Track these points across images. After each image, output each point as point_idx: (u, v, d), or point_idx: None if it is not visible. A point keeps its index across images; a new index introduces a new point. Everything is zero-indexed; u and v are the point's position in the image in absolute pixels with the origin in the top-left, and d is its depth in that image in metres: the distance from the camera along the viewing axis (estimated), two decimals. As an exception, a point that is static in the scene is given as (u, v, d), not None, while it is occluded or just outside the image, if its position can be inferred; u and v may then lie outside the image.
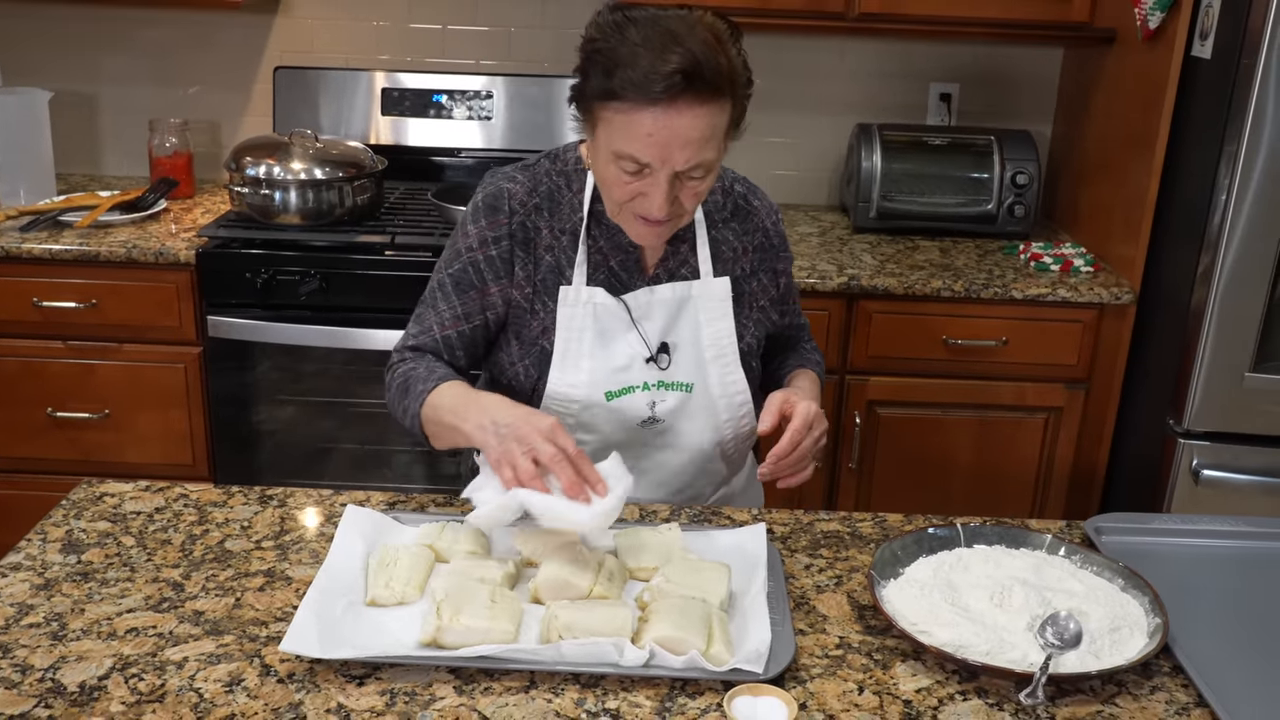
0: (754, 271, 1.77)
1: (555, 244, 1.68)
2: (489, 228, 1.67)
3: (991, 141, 3.04)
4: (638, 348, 1.67)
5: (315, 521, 1.56)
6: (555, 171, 1.71)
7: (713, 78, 1.44)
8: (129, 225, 2.84)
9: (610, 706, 1.20)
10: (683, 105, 1.44)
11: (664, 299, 1.69)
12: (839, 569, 1.48)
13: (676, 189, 1.52)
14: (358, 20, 3.27)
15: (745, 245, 1.77)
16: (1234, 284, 2.45)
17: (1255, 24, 2.33)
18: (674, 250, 1.71)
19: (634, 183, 1.52)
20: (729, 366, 1.72)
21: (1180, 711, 1.23)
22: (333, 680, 1.23)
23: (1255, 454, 2.55)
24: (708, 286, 1.71)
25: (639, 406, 1.68)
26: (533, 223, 1.68)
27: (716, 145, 1.50)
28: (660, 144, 1.46)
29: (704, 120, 1.46)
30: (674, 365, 1.69)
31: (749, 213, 1.78)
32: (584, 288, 1.66)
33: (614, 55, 1.45)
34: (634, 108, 1.45)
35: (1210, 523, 1.61)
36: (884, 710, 1.21)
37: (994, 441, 2.83)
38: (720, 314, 1.71)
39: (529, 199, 1.68)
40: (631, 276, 1.69)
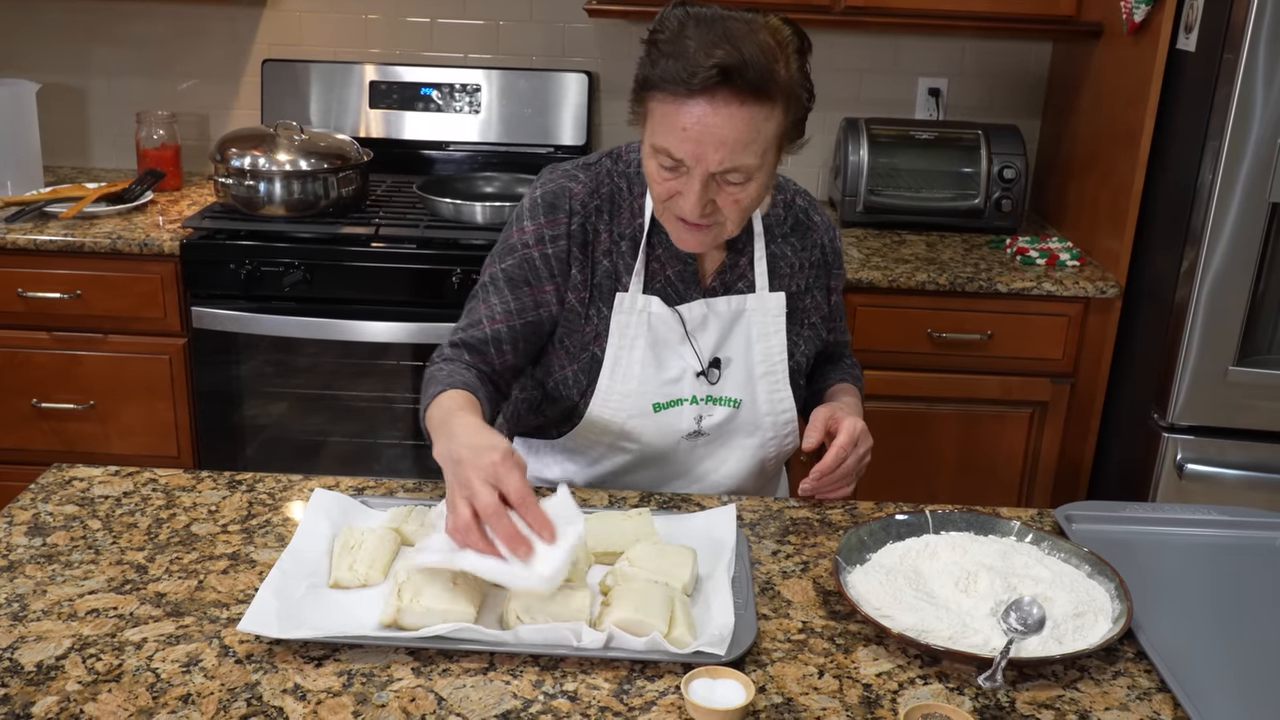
0: (809, 288, 1.74)
1: (614, 249, 1.64)
2: (547, 225, 1.62)
3: (979, 136, 3.04)
4: (690, 361, 1.65)
5: (283, 506, 1.55)
6: (617, 173, 1.66)
7: (756, 79, 1.40)
8: (114, 217, 2.85)
9: (569, 689, 1.20)
10: (720, 102, 1.41)
11: (719, 312, 1.66)
12: (806, 555, 1.48)
13: (712, 192, 1.48)
14: (346, 13, 3.28)
15: (803, 261, 1.73)
16: (1218, 278, 2.44)
17: (1238, 18, 2.33)
18: (732, 263, 1.68)
19: (671, 180, 1.48)
20: (778, 384, 1.69)
21: (1142, 696, 1.22)
22: (290, 661, 1.22)
23: (1239, 448, 2.54)
24: (762, 301, 1.68)
25: (685, 420, 1.66)
26: (592, 225, 1.64)
27: (758, 152, 1.45)
28: (694, 140, 1.42)
29: (742, 122, 1.42)
30: (724, 380, 1.67)
31: (809, 228, 1.74)
32: (640, 296, 1.63)
33: (668, 46, 1.43)
34: (672, 99, 1.43)
35: (1180, 512, 1.60)
36: (843, 693, 1.21)
37: (979, 436, 2.82)
38: (774, 329, 1.68)
39: (590, 200, 1.64)
40: (688, 287, 1.66)
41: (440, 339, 2.66)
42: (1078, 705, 1.21)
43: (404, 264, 2.70)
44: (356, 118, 3.27)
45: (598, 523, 1.46)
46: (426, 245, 2.71)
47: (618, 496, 1.62)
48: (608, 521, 1.46)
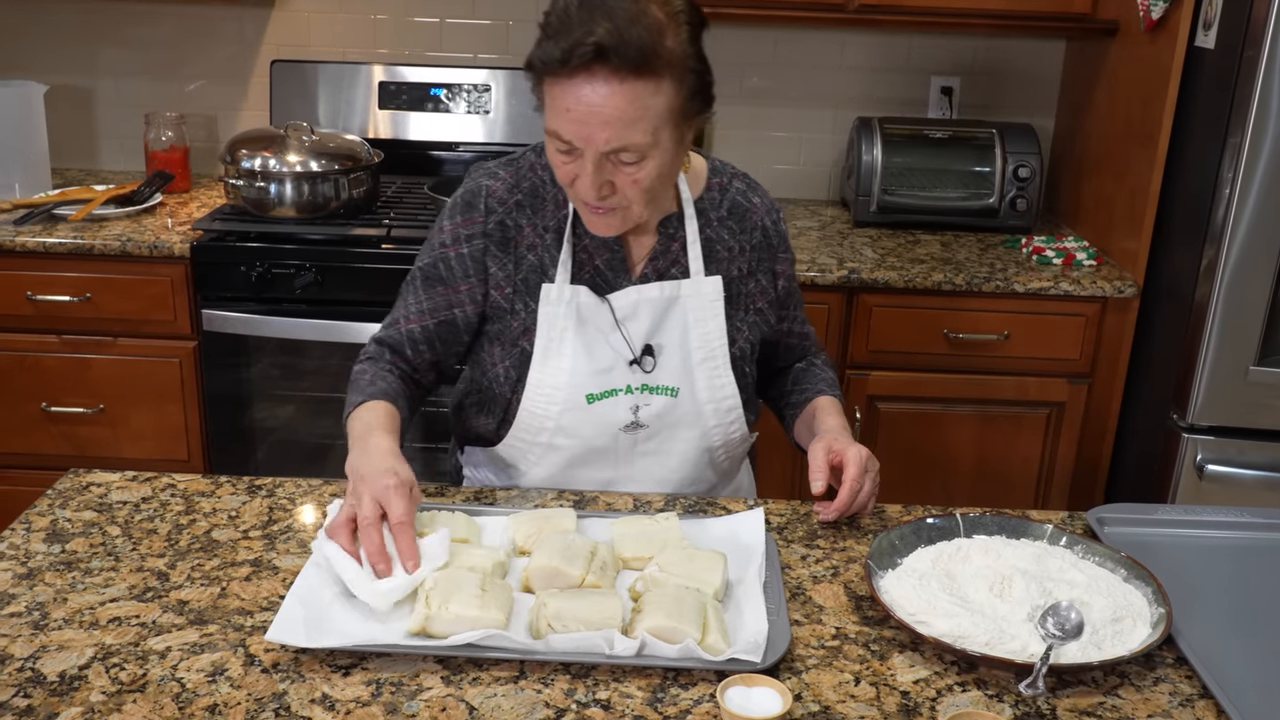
0: (751, 271, 1.71)
1: (539, 242, 1.63)
2: (463, 225, 1.63)
3: (993, 134, 3.02)
4: (621, 349, 1.62)
5: (304, 512, 1.53)
6: (540, 165, 1.64)
7: (636, 54, 1.37)
8: (124, 219, 2.82)
9: (601, 697, 1.18)
10: (600, 80, 1.38)
11: (651, 299, 1.63)
12: (836, 560, 1.46)
13: (608, 173, 1.45)
14: (354, 13, 3.25)
15: (742, 244, 1.70)
16: (1238, 277, 2.42)
17: (1259, 14, 2.30)
18: (664, 249, 1.65)
19: (569, 164, 1.47)
20: (718, 370, 1.66)
21: (1184, 703, 1.20)
22: (318, 670, 1.20)
23: (1260, 449, 2.52)
24: (698, 286, 1.65)
25: (621, 410, 1.63)
26: (513, 220, 1.62)
27: (648, 129, 1.42)
28: (578, 120, 1.40)
29: (624, 99, 1.39)
30: (659, 368, 1.63)
31: (747, 210, 1.71)
32: (567, 286, 1.61)
33: (551, 29, 1.42)
34: (556, 81, 1.41)
35: (1213, 514, 1.58)
36: (881, 701, 1.19)
37: (996, 437, 2.80)
38: (710, 314, 1.65)
39: (509, 196, 1.62)
40: (618, 276, 1.64)
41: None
42: (1120, 712, 1.18)
43: (416, 265, 2.68)
44: (365, 118, 3.25)
45: (625, 527, 1.44)
46: (438, 246, 2.68)
47: (643, 500, 1.60)
48: (635, 526, 1.44)
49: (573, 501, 1.58)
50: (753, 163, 3.33)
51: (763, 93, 3.30)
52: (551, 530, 1.42)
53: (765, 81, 3.29)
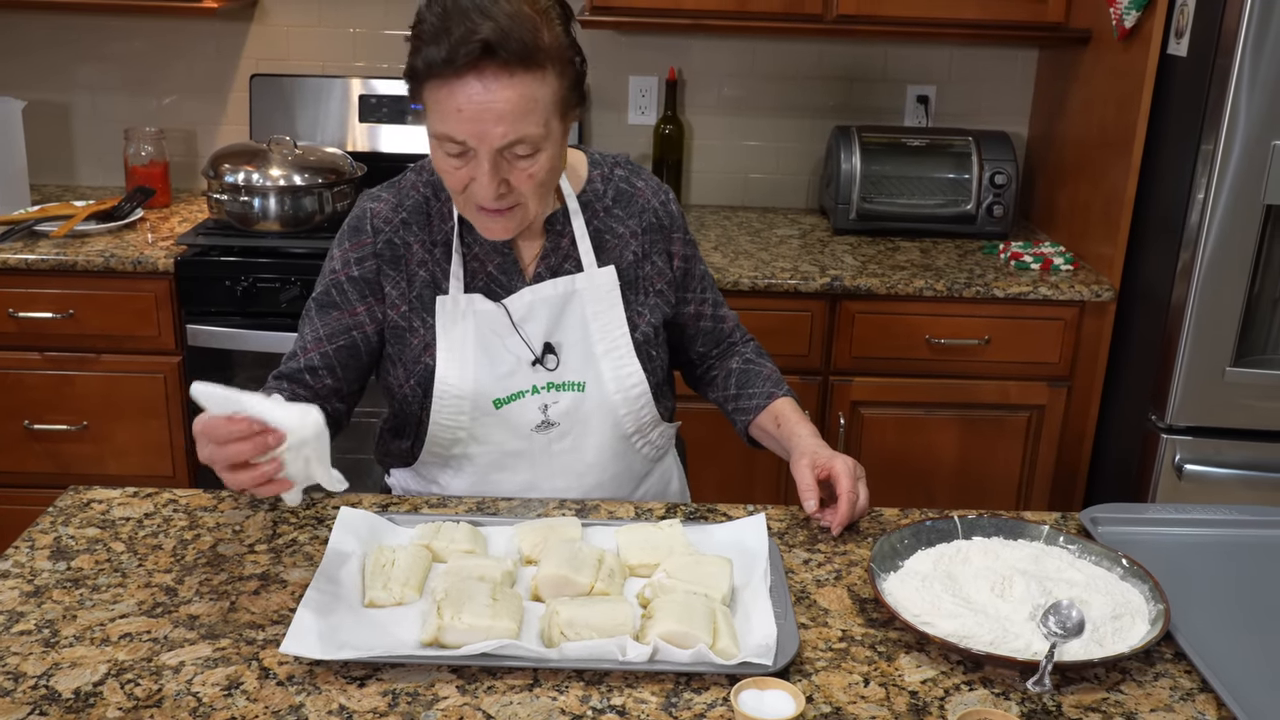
0: (646, 254, 1.71)
1: (428, 257, 1.63)
2: (352, 249, 1.64)
3: (970, 142, 3.06)
4: (521, 351, 1.63)
5: (308, 525, 1.54)
6: (422, 183, 1.66)
7: (520, 48, 1.40)
8: (105, 234, 2.81)
9: (616, 703, 1.19)
10: (490, 76, 1.40)
11: (546, 297, 1.64)
12: (838, 563, 1.48)
13: (504, 171, 1.46)
14: (333, 26, 3.26)
15: (631, 229, 1.70)
16: (1213, 280, 2.47)
17: (1230, 23, 2.35)
18: (554, 246, 1.66)
19: (462, 168, 1.47)
20: (622, 359, 1.67)
21: (1185, 697, 1.23)
22: (333, 682, 1.21)
23: (1237, 448, 2.57)
24: (592, 278, 1.66)
25: (530, 411, 1.64)
26: (401, 239, 1.63)
27: (538, 120, 1.44)
28: (471, 118, 1.41)
29: (515, 92, 1.41)
30: (563, 365, 1.65)
31: (632, 195, 1.72)
32: (461, 296, 1.62)
33: (427, 35, 1.42)
34: (443, 83, 1.41)
35: (1203, 512, 1.62)
36: (891, 701, 1.21)
37: (978, 440, 2.84)
38: (608, 305, 1.66)
39: (394, 215, 1.63)
40: (511, 279, 1.64)
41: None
42: (1123, 707, 1.21)
43: (402, 278, 2.68)
44: (344, 131, 3.25)
45: (629, 535, 1.46)
46: (424, 259, 2.69)
47: (644, 509, 1.61)
48: (640, 533, 1.46)
49: (575, 510, 1.59)
50: (731, 171, 3.37)
51: (741, 102, 3.33)
52: (557, 539, 1.44)
53: (743, 91, 3.32)
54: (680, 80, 3.27)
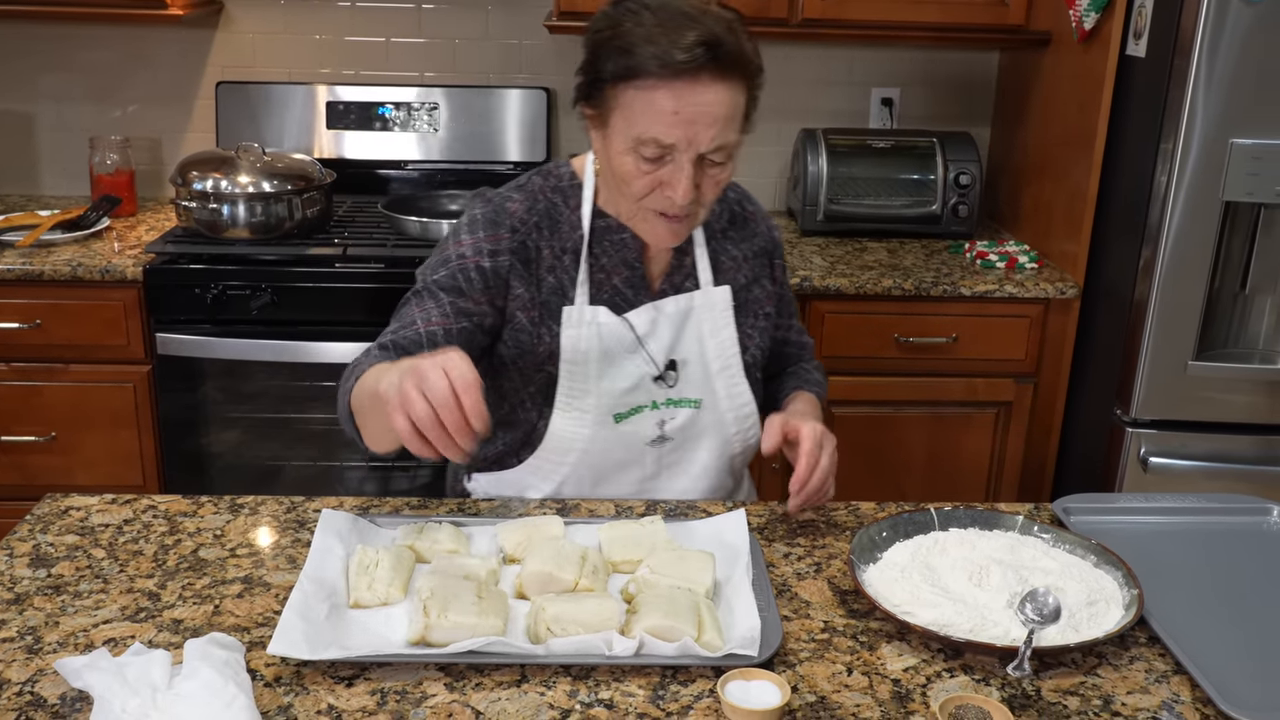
0: (756, 278, 1.75)
1: (557, 264, 1.64)
2: (486, 240, 1.61)
3: (934, 144, 3.10)
4: (645, 367, 1.64)
5: (289, 528, 1.54)
6: (549, 188, 1.66)
7: (733, 55, 1.44)
8: (72, 244, 2.79)
9: (604, 697, 1.20)
10: (705, 81, 1.43)
11: (669, 314, 1.65)
12: (817, 556, 1.50)
13: (698, 176, 1.48)
14: (300, 34, 3.25)
15: (744, 253, 1.73)
16: (1174, 276, 2.51)
17: (1187, 24, 2.40)
18: (678, 263, 1.68)
19: (655, 172, 1.48)
20: (735, 379, 1.69)
21: (1160, 679, 1.26)
22: (321, 682, 1.21)
23: (1200, 440, 2.61)
24: (709, 296, 1.68)
25: (648, 427, 1.66)
26: (533, 242, 1.63)
27: (737, 128, 1.48)
28: (685, 121, 1.43)
29: (726, 97, 1.44)
30: (681, 381, 1.66)
31: (745, 218, 1.75)
32: (586, 308, 1.62)
33: (631, 36, 1.44)
34: (656, 84, 1.43)
35: (1171, 500, 1.65)
36: (874, 690, 1.23)
37: (947, 437, 2.87)
38: (723, 324, 1.68)
39: (528, 217, 1.63)
40: (636, 292, 1.66)
41: (412, 358, 2.70)
42: (1100, 690, 1.24)
43: (372, 283, 2.69)
44: (311, 138, 3.25)
45: (612, 532, 1.47)
46: (395, 264, 2.69)
47: (624, 506, 1.62)
48: (622, 530, 1.47)
49: (556, 509, 1.60)
50: (700, 175, 3.38)
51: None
52: (540, 537, 1.45)
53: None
54: (647, 84, 3.28)
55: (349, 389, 1.49)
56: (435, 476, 2.87)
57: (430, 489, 2.86)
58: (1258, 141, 2.41)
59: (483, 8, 3.25)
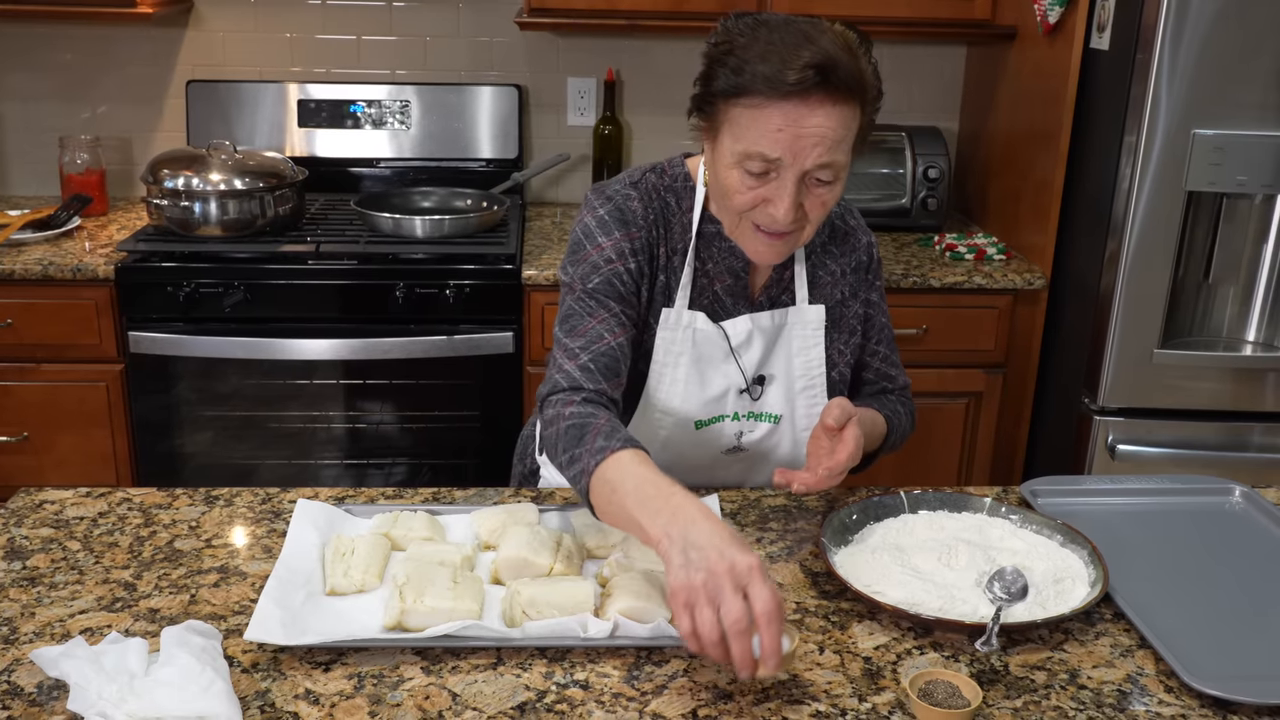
0: (854, 293, 1.73)
1: (668, 263, 1.62)
2: (624, 239, 1.59)
3: (903, 138, 3.13)
4: (734, 378, 1.64)
5: (264, 519, 1.54)
6: (663, 186, 1.64)
7: (846, 78, 1.40)
8: (43, 243, 2.78)
9: (579, 678, 1.22)
10: (815, 102, 1.40)
11: (763, 327, 1.65)
12: (789, 540, 1.52)
13: (802, 194, 1.46)
14: (270, 32, 3.25)
15: (843, 267, 1.71)
16: (1139, 266, 2.55)
17: (1149, 18, 2.44)
18: (778, 277, 1.67)
19: (759, 188, 1.46)
20: (817, 397, 1.69)
21: (1125, 653, 1.29)
22: (298, 667, 1.22)
23: (1166, 427, 2.65)
24: (802, 313, 1.67)
25: (726, 436, 1.66)
26: (654, 239, 1.62)
27: (847, 150, 1.45)
28: (791, 138, 1.41)
29: (836, 120, 1.41)
30: (765, 396, 1.67)
31: (846, 233, 1.73)
32: (685, 312, 1.62)
33: (746, 53, 1.42)
34: (765, 102, 1.41)
35: (1134, 482, 1.68)
36: (846, 667, 1.25)
37: (919, 427, 2.88)
38: (813, 342, 1.68)
39: (648, 215, 1.62)
40: (736, 302, 1.65)
41: (387, 354, 2.71)
42: (1067, 665, 1.26)
43: (346, 280, 2.69)
44: (283, 136, 3.25)
45: (585, 518, 1.48)
46: (368, 261, 2.70)
47: (598, 494, 1.64)
48: (595, 516, 1.48)
49: (530, 497, 1.62)
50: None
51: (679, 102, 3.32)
52: (515, 523, 1.46)
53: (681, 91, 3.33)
54: (618, 81, 3.30)
55: (586, 468, 1.35)
56: (409, 474, 2.88)
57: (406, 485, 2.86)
58: (1219, 132, 2.45)
59: (453, 5, 3.26)
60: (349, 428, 2.83)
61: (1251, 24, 2.38)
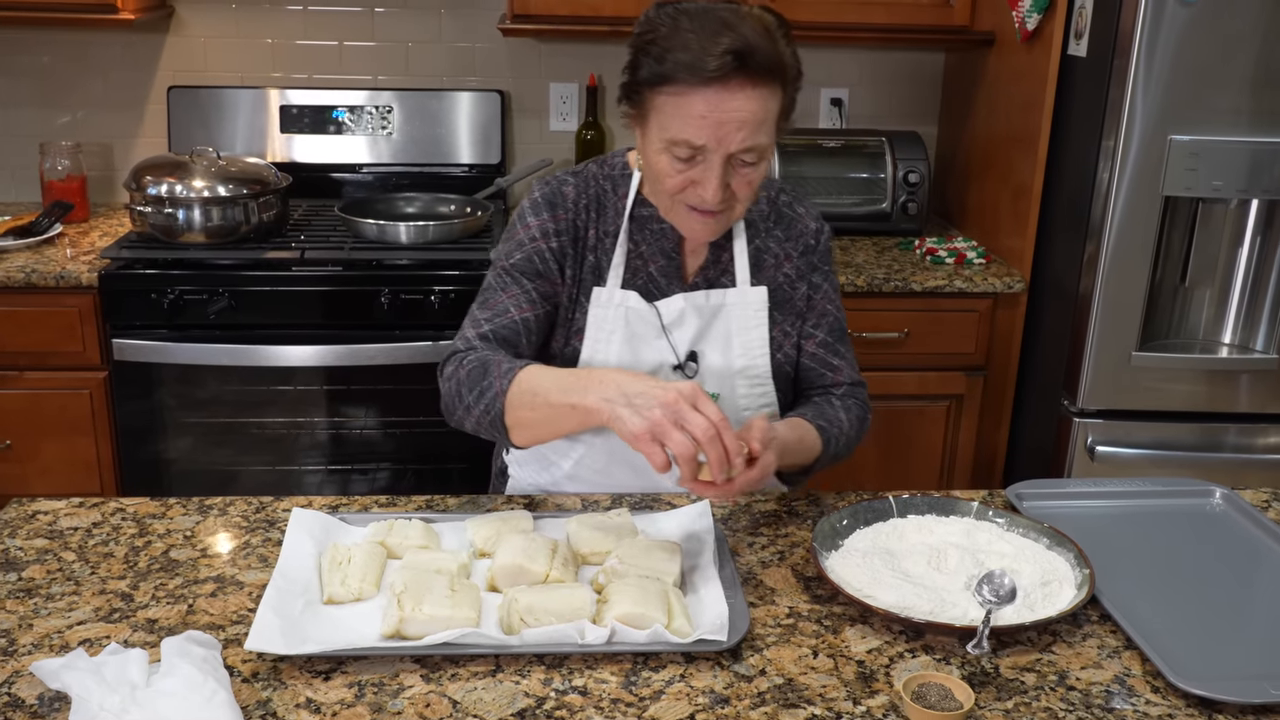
0: (800, 277, 1.77)
1: (599, 245, 1.70)
2: (550, 220, 1.69)
3: (883, 143, 3.16)
4: (666, 355, 1.69)
5: (259, 527, 1.55)
6: (603, 175, 1.73)
7: (764, 61, 1.47)
8: (24, 250, 2.77)
9: (578, 684, 1.23)
10: (735, 86, 1.46)
11: (698, 306, 1.69)
12: (780, 545, 1.54)
13: (729, 175, 1.53)
14: (252, 38, 3.25)
15: (789, 251, 1.76)
16: (1117, 270, 2.59)
17: (1126, 25, 2.47)
18: (715, 258, 1.72)
19: (687, 170, 1.53)
20: (759, 377, 1.72)
21: (1112, 654, 1.31)
22: (298, 677, 1.23)
23: (1145, 428, 2.69)
24: (743, 295, 1.71)
25: None
26: (582, 222, 1.70)
27: (769, 131, 1.52)
28: (714, 124, 1.48)
29: (757, 102, 1.48)
30: (702, 374, 1.70)
31: (793, 219, 1.77)
32: (618, 290, 1.68)
33: (667, 42, 1.49)
34: (687, 89, 1.47)
35: (1118, 485, 1.71)
36: (839, 671, 1.27)
37: (901, 430, 2.93)
38: (754, 324, 1.71)
39: (579, 199, 1.71)
40: (670, 282, 1.71)
41: (372, 360, 2.71)
42: (1056, 666, 1.29)
43: (331, 286, 2.70)
44: (265, 143, 3.24)
45: (580, 525, 1.50)
46: (352, 267, 2.71)
47: (590, 500, 1.65)
48: (590, 523, 1.50)
49: (523, 504, 1.63)
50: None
51: (660, 108, 3.38)
52: (510, 531, 1.47)
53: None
54: (600, 86, 3.32)
55: (498, 390, 1.50)
56: (393, 479, 2.89)
57: (387, 492, 2.87)
58: (1195, 138, 2.48)
59: (435, 11, 3.27)
60: (333, 433, 2.83)
61: (1226, 32, 2.42)
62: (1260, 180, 2.51)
